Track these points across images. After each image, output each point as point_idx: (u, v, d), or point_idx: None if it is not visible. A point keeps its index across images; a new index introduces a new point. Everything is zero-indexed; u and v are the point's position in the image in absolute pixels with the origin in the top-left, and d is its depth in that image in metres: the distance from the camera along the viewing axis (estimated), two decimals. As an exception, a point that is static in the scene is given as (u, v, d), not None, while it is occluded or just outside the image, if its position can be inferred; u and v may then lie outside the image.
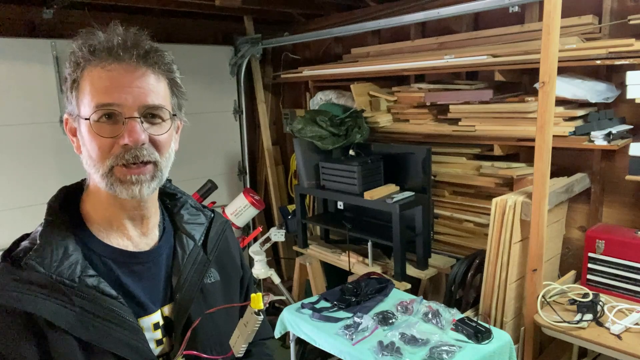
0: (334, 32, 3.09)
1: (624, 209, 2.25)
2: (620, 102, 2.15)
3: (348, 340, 1.89)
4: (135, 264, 0.87)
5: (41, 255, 0.77)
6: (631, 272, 1.97)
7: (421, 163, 2.56)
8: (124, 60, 0.79)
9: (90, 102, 0.78)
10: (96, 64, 0.78)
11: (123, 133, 0.78)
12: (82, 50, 0.79)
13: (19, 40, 2.87)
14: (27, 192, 2.92)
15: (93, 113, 0.78)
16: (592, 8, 2.20)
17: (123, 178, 0.80)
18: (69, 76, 0.81)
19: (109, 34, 0.80)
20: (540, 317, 1.92)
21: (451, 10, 2.43)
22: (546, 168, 1.90)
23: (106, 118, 0.78)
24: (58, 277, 0.76)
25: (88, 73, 0.79)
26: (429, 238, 2.62)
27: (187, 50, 3.53)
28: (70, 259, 0.78)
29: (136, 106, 0.79)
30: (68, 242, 0.80)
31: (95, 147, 0.79)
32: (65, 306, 0.75)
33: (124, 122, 0.78)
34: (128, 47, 0.79)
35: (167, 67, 0.84)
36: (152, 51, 0.81)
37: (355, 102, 2.98)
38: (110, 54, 0.78)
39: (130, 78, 0.79)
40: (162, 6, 3.11)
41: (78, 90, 0.80)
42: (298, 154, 3.04)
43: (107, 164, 0.79)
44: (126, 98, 0.78)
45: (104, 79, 0.78)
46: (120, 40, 0.79)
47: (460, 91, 2.50)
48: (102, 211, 0.86)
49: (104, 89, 0.78)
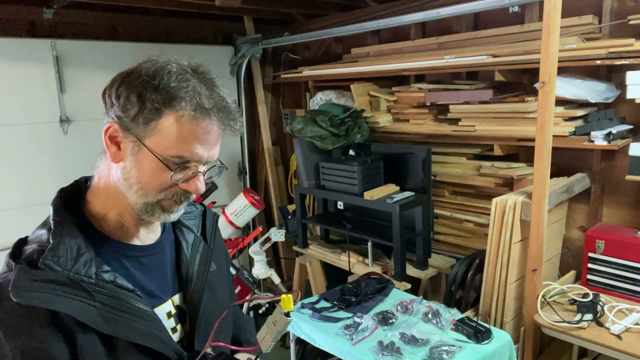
0: (334, 32, 3.09)
1: (624, 209, 2.25)
2: (620, 102, 2.15)
3: (348, 340, 1.89)
4: (143, 257, 0.91)
5: (57, 254, 0.78)
6: (631, 272, 1.97)
7: (421, 163, 2.56)
8: (213, 121, 0.82)
9: (173, 147, 0.80)
10: (191, 115, 0.80)
11: (190, 181, 0.84)
12: (187, 97, 0.80)
13: (19, 40, 2.87)
14: (27, 192, 2.92)
15: (173, 158, 0.81)
16: (592, 8, 2.20)
17: (169, 208, 0.86)
18: (152, 101, 0.79)
19: (202, 92, 0.82)
20: (540, 317, 1.92)
21: (451, 10, 2.43)
22: (546, 168, 1.90)
23: (179, 165, 0.83)
24: (76, 275, 0.78)
25: (178, 116, 0.80)
26: (429, 238, 2.62)
27: (187, 50, 3.53)
28: (84, 257, 0.80)
29: (207, 161, 0.86)
30: (79, 241, 0.82)
31: (158, 181, 0.83)
32: (87, 302, 0.77)
33: (194, 173, 0.84)
34: (221, 110, 0.83)
35: (239, 130, 0.88)
36: (233, 113, 0.85)
37: (355, 102, 2.98)
38: (203, 114, 0.81)
39: (214, 139, 0.84)
40: (162, 6, 3.11)
41: (157, 121, 0.80)
42: (298, 154, 3.03)
43: (159, 197, 0.84)
44: (203, 155, 0.83)
45: (195, 134, 0.81)
46: (219, 100, 0.83)
47: (460, 91, 2.50)
48: (114, 216, 0.88)
49: (191, 145, 0.81)
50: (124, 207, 0.87)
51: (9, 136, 2.86)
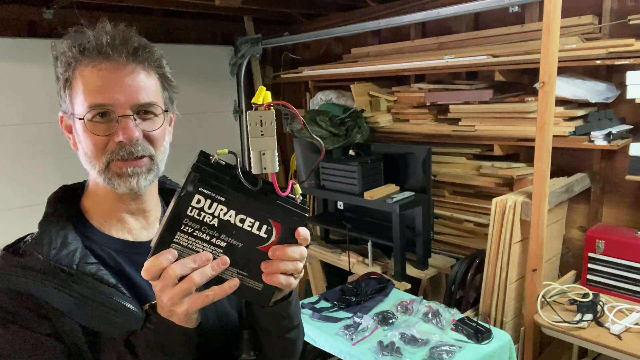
0: (334, 32, 3.09)
1: (624, 209, 2.25)
2: (620, 102, 2.15)
3: (348, 340, 1.89)
4: (135, 254, 0.87)
5: (39, 242, 0.79)
6: (631, 272, 1.97)
7: (421, 163, 2.55)
8: (113, 58, 0.80)
9: (84, 102, 0.80)
10: (87, 63, 0.80)
11: (117, 131, 0.80)
12: (72, 50, 0.81)
13: (19, 40, 2.87)
14: (27, 192, 2.92)
15: (87, 113, 0.80)
16: (592, 8, 2.20)
17: (120, 171, 0.82)
18: (61, 75, 0.83)
19: (98, 32, 0.81)
20: (540, 317, 1.92)
21: (451, 10, 2.43)
22: (546, 168, 1.90)
23: (100, 117, 0.80)
24: (56, 264, 0.77)
25: (80, 72, 0.81)
26: (429, 238, 2.62)
27: (187, 50, 3.53)
28: (69, 247, 0.80)
29: (128, 104, 0.81)
30: (67, 232, 0.81)
31: (91, 145, 0.81)
32: (63, 291, 0.76)
33: (118, 120, 0.80)
34: (117, 45, 0.80)
35: (157, 63, 0.85)
36: (141, 48, 0.82)
37: (355, 102, 2.98)
38: (100, 52, 0.80)
39: (120, 76, 0.81)
40: (162, 6, 3.11)
41: (71, 89, 0.82)
42: (298, 154, 3.03)
43: (104, 160, 0.81)
44: (118, 97, 0.80)
45: (95, 78, 0.80)
46: (109, 39, 0.80)
47: (460, 91, 2.50)
48: (101, 205, 0.88)
49: (97, 89, 0.79)
50: (103, 193, 0.86)
51: (9, 136, 2.86)
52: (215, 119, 3.79)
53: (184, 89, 0.99)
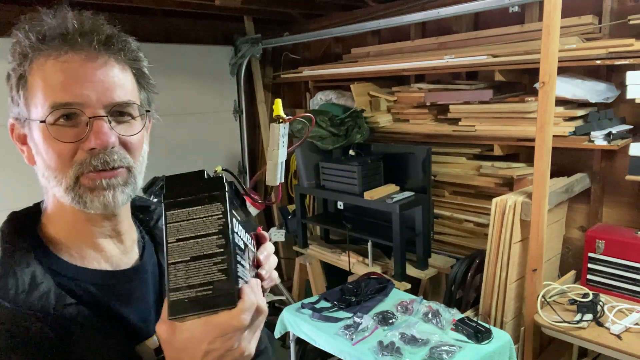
0: (334, 32, 3.10)
1: (624, 209, 2.25)
2: (620, 102, 2.15)
3: (348, 340, 1.89)
4: (118, 285, 0.73)
5: (3, 287, 0.63)
6: (631, 272, 1.97)
7: (421, 163, 2.56)
8: (82, 48, 0.66)
9: (44, 101, 0.65)
10: (48, 54, 0.65)
11: (88, 135, 0.65)
12: (30, 38, 0.65)
13: (19, 40, 2.87)
14: (27, 192, 2.90)
15: (49, 115, 0.65)
16: (592, 8, 2.20)
17: (92, 185, 0.67)
18: (13, 72, 0.68)
19: (59, 18, 0.67)
20: (540, 317, 1.92)
21: (451, 10, 2.43)
22: (546, 168, 1.90)
23: (65, 119, 0.65)
24: (29, 311, 0.62)
25: (38, 66, 0.65)
26: (429, 238, 2.62)
27: (187, 50, 3.52)
28: (40, 288, 0.64)
29: (101, 103, 0.66)
30: (34, 269, 0.66)
31: (54, 155, 0.66)
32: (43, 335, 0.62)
33: (88, 123, 0.65)
34: (86, 32, 0.66)
35: (133, 55, 0.72)
36: (114, 36, 0.69)
37: (355, 102, 2.98)
38: (64, 41, 0.65)
39: (91, 69, 0.66)
40: (162, 6, 3.11)
41: (26, 89, 0.67)
42: (298, 154, 3.03)
43: (71, 174, 0.66)
44: (88, 94, 0.65)
45: (58, 72, 0.65)
46: (76, 25, 0.66)
47: (460, 91, 2.50)
48: (70, 231, 0.72)
49: (61, 85, 0.64)
50: (70, 216, 0.70)
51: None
52: (215, 119, 3.79)
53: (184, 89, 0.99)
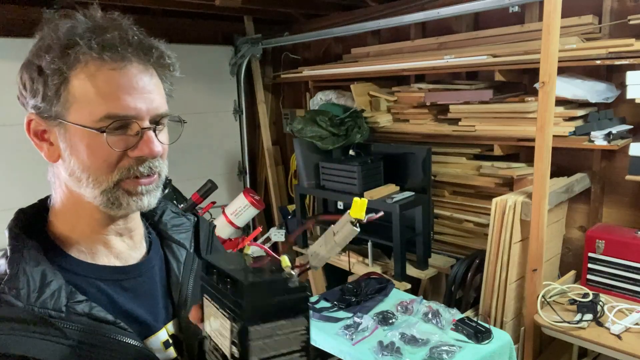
0: (334, 32, 3.10)
1: (624, 209, 2.25)
2: (620, 102, 2.15)
3: (348, 340, 1.89)
4: (126, 280, 0.77)
5: (16, 286, 0.65)
6: (631, 272, 1.97)
7: (421, 163, 2.56)
8: (132, 61, 0.68)
9: (96, 109, 0.67)
10: (101, 62, 0.67)
11: (138, 144, 0.69)
12: (84, 39, 0.66)
13: (19, 40, 2.87)
14: (28, 192, 2.90)
15: (102, 123, 0.67)
16: (592, 8, 2.20)
17: (133, 190, 0.71)
18: (50, 65, 0.68)
19: (109, 22, 0.70)
20: (540, 317, 1.92)
21: (451, 10, 2.43)
22: (546, 168, 1.90)
23: (117, 129, 0.68)
24: (42, 309, 0.64)
25: (89, 72, 0.67)
26: (429, 238, 2.62)
27: (187, 50, 3.52)
28: (51, 286, 0.66)
29: (149, 115, 0.70)
30: (44, 268, 0.68)
31: (100, 160, 0.68)
32: (58, 341, 0.64)
33: (139, 133, 0.69)
34: (139, 46, 0.69)
35: (174, 67, 0.76)
36: (164, 54, 0.74)
37: (355, 102, 2.98)
38: (121, 51, 0.67)
39: (145, 84, 0.69)
40: (162, 6, 3.11)
41: (67, 90, 0.68)
42: (298, 154, 3.04)
43: (114, 178, 0.70)
44: (141, 107, 0.69)
45: (113, 82, 0.67)
46: (130, 35, 0.69)
47: (460, 91, 2.50)
48: (82, 228, 0.75)
49: (116, 96, 0.67)
50: (88, 214, 0.73)
51: (9, 136, 2.86)
52: (215, 119, 3.79)
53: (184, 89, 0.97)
